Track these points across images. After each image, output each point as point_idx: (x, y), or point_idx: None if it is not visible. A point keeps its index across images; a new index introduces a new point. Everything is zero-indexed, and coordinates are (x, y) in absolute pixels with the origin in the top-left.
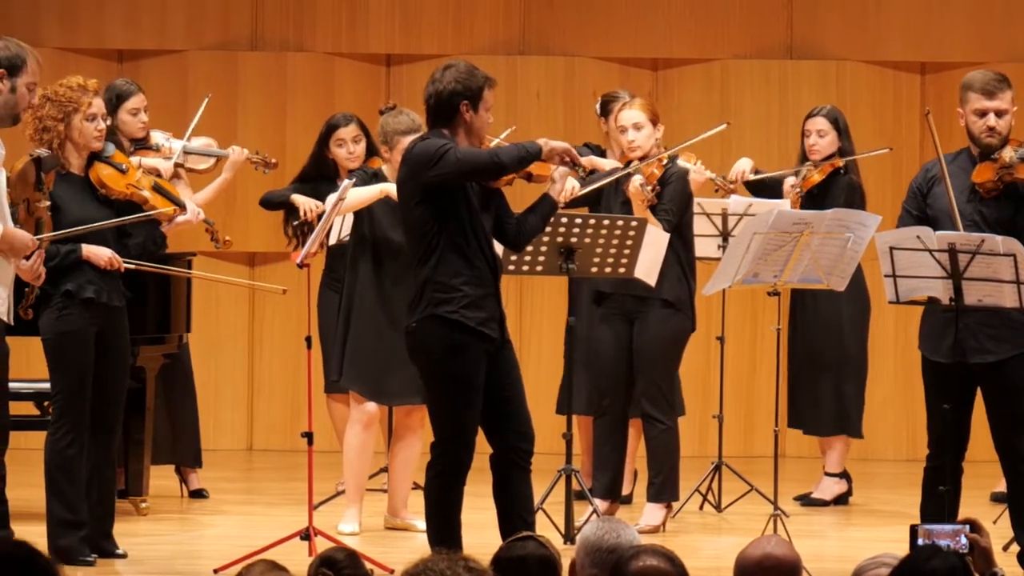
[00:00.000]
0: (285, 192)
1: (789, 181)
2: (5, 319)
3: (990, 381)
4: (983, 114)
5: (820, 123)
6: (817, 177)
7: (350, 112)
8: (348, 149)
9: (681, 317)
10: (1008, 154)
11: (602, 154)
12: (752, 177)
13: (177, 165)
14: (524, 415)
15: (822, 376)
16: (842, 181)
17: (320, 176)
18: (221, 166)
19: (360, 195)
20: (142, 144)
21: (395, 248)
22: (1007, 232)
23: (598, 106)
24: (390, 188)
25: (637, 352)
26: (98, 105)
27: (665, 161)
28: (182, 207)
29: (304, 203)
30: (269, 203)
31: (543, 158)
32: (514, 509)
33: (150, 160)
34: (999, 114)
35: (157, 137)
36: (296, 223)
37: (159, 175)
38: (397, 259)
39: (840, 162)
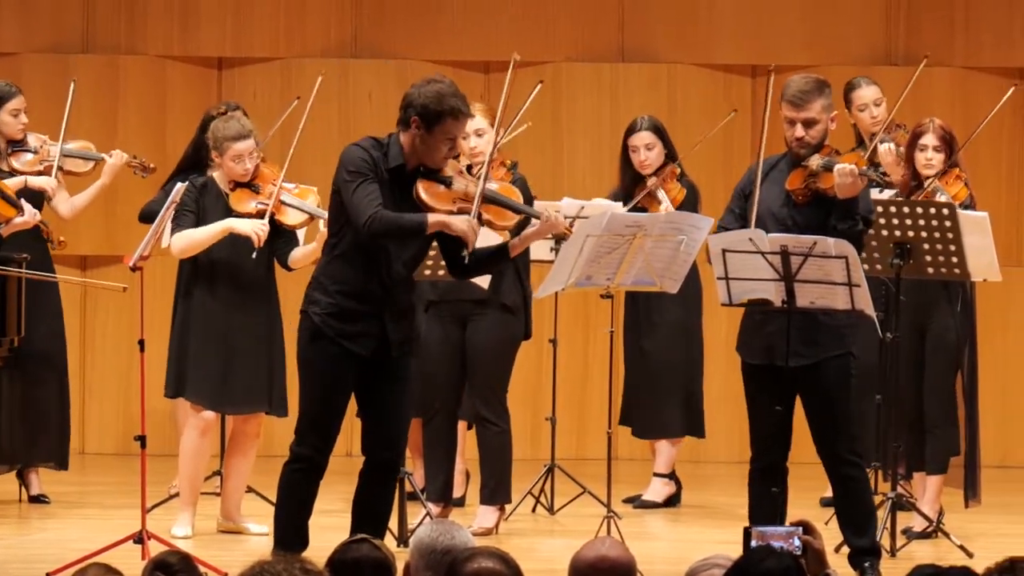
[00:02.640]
0: (159, 203)
1: (665, 201)
2: None
3: (805, 384)
4: (792, 123)
5: (646, 137)
6: (679, 194)
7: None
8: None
9: (516, 322)
10: (815, 162)
11: None
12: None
13: (52, 167)
14: (395, 429)
15: (663, 379)
16: (689, 194)
17: (198, 165)
18: (99, 169)
19: (204, 235)
20: (19, 146)
21: (231, 271)
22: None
23: None
24: (234, 225)
25: (471, 355)
26: None
27: (509, 165)
28: (20, 209)
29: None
30: (148, 218)
31: (426, 229)
32: (365, 521)
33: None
34: (807, 124)
35: (32, 140)
36: None
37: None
38: (234, 282)
39: (677, 170)
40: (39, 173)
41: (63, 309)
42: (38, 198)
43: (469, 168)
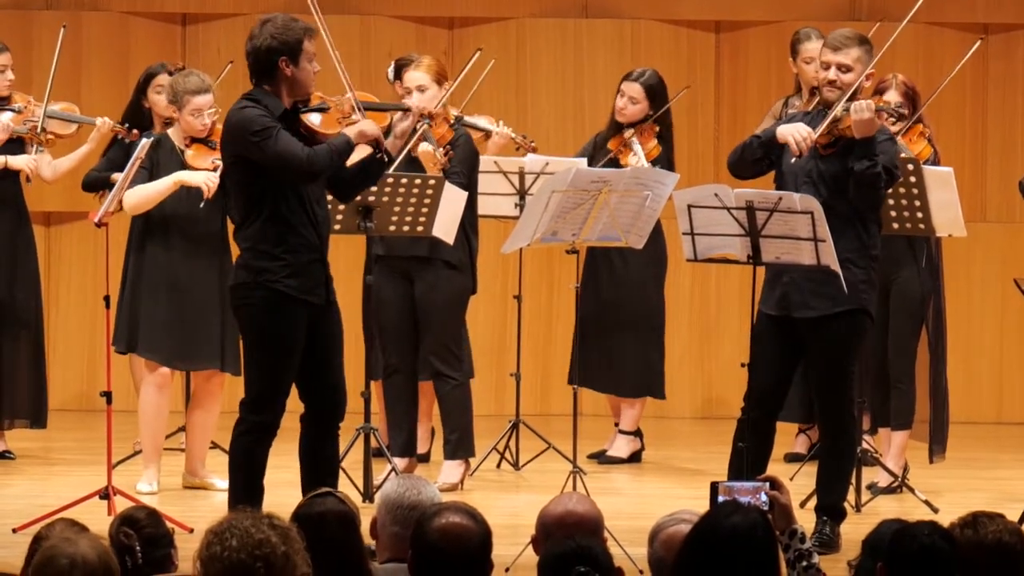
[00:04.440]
0: (102, 170)
1: (632, 160)
2: None
3: (811, 337)
4: (827, 67)
5: (634, 89)
6: (655, 150)
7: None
8: (168, 95)
9: (463, 277)
10: (839, 107)
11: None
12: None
13: (39, 131)
14: (339, 378)
15: (624, 336)
16: (664, 151)
17: (134, 127)
18: (81, 132)
19: (154, 189)
20: (3, 104)
21: (183, 224)
22: (837, 187)
23: (391, 70)
24: (184, 177)
25: (421, 312)
26: None
27: (452, 122)
28: None
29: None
30: (92, 186)
31: (354, 145)
32: (319, 470)
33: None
34: (841, 68)
35: (17, 99)
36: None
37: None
38: (186, 235)
39: (656, 128)
40: (20, 137)
41: None
42: (18, 145)
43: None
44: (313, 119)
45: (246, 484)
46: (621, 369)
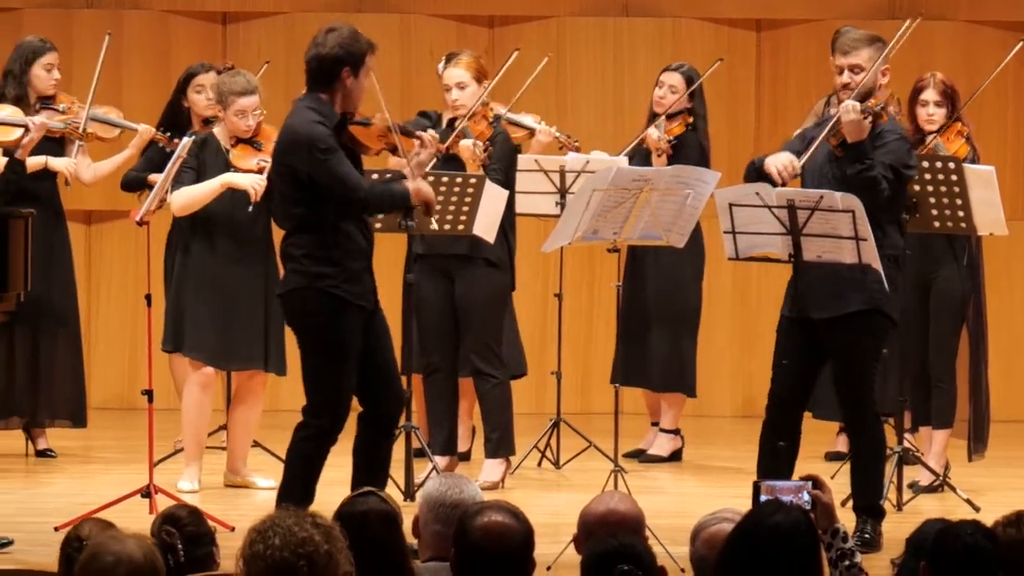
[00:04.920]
0: (140, 171)
1: (653, 133)
2: None
3: (829, 337)
4: (840, 71)
5: (674, 78)
6: (677, 128)
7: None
8: (208, 95)
9: (503, 275)
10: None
11: (439, 120)
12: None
13: (81, 132)
14: (395, 381)
15: (657, 331)
16: (691, 138)
17: (174, 127)
18: (123, 137)
19: (201, 191)
20: (49, 103)
21: (229, 226)
22: (848, 189)
23: (441, 65)
24: (232, 179)
25: (462, 311)
26: None
27: (491, 119)
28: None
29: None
30: (130, 186)
31: (409, 200)
32: (371, 470)
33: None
34: (853, 70)
35: (63, 99)
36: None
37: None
38: (232, 237)
39: (690, 119)
40: (63, 133)
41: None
42: (59, 145)
43: (452, 121)
44: (356, 132)
45: (298, 488)
46: (652, 363)
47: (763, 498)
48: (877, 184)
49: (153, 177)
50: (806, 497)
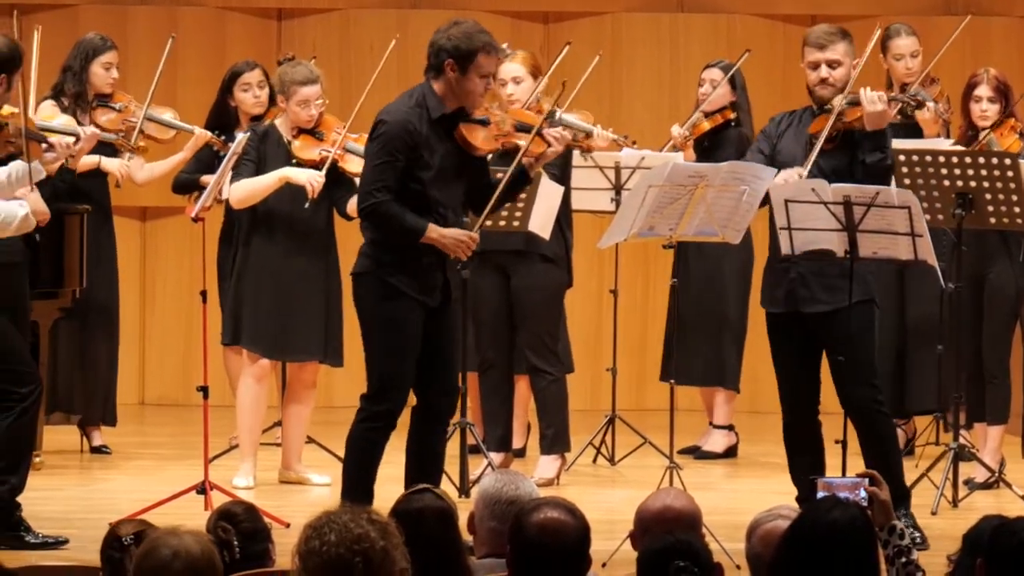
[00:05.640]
0: (191, 172)
1: (675, 130)
2: None
3: (825, 332)
4: (815, 66)
5: (714, 73)
6: (706, 125)
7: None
8: (254, 93)
9: (559, 271)
10: (839, 101)
11: None
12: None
13: (132, 144)
14: (447, 373)
15: (701, 326)
16: (732, 133)
17: (221, 126)
18: (179, 138)
19: (260, 184)
20: (106, 101)
21: (288, 221)
22: (838, 181)
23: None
24: (289, 174)
25: (518, 307)
26: None
27: (545, 115)
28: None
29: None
30: (182, 188)
31: (420, 240)
32: (425, 465)
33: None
34: (831, 65)
35: (120, 98)
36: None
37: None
38: (291, 231)
39: (731, 114)
40: (119, 131)
41: (122, 260)
42: (110, 147)
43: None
44: (465, 130)
45: (359, 474)
46: (695, 358)
47: (820, 494)
48: (890, 173)
49: (206, 178)
50: (863, 494)
